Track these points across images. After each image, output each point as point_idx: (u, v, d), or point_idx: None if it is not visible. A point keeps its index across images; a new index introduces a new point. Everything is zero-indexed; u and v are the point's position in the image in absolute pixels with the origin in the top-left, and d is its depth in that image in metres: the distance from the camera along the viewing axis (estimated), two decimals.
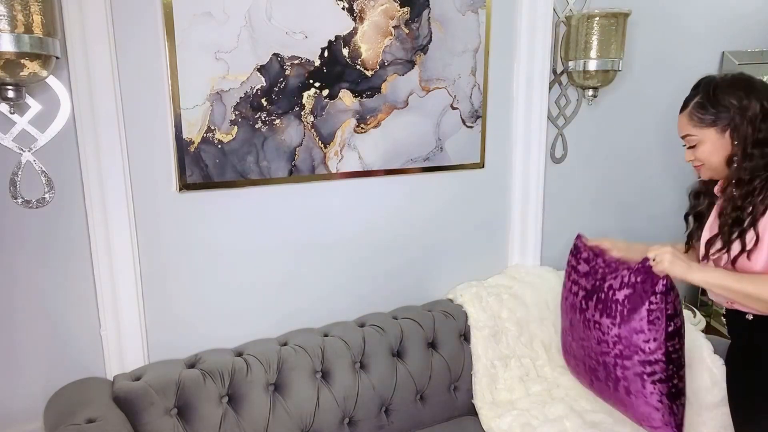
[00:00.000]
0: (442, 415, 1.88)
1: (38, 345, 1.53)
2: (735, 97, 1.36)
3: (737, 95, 1.36)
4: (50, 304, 1.53)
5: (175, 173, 1.61)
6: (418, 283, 2.07)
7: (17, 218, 1.46)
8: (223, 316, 1.75)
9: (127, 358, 1.61)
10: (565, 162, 2.28)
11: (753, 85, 1.38)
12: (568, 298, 1.74)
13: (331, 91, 1.76)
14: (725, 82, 1.39)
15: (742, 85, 1.38)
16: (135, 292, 1.59)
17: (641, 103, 2.37)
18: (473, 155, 2.07)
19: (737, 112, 1.35)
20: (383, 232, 1.96)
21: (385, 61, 1.82)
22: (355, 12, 1.75)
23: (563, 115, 2.23)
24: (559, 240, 2.31)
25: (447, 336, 1.91)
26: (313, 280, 1.87)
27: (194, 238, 1.67)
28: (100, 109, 1.47)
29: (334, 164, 1.81)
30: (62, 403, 1.45)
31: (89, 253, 1.54)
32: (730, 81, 1.40)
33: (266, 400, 1.62)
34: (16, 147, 1.42)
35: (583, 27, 2.03)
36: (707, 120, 1.39)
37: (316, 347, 1.72)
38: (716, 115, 1.38)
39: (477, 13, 1.96)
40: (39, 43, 1.24)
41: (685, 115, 1.44)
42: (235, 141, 1.66)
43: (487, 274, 2.18)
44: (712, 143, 1.40)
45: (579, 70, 2.08)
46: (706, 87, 1.41)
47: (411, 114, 1.91)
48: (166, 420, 1.49)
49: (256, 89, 1.66)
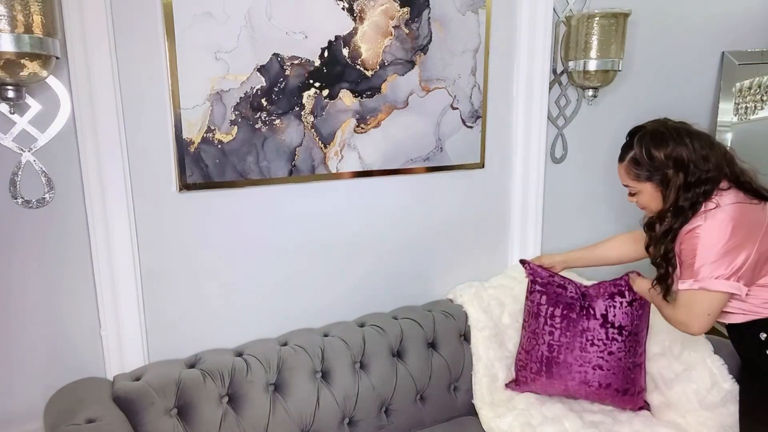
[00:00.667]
0: (442, 415, 1.88)
1: (38, 345, 1.53)
2: (664, 152, 1.46)
3: (666, 149, 1.46)
4: (50, 304, 1.53)
5: (175, 173, 1.61)
6: (418, 283, 2.07)
7: (17, 218, 1.46)
8: (223, 316, 1.75)
9: (127, 358, 1.61)
10: (565, 162, 2.28)
11: (680, 135, 1.47)
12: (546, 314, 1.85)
13: (331, 91, 1.76)
14: (655, 137, 1.48)
15: (670, 136, 1.47)
16: (135, 292, 1.59)
17: (641, 103, 2.37)
18: (473, 155, 2.07)
19: (669, 167, 1.46)
20: (383, 232, 1.96)
21: (385, 61, 1.82)
22: (355, 12, 1.75)
23: (563, 115, 2.23)
24: (559, 240, 2.31)
25: (447, 336, 1.91)
26: (313, 280, 1.87)
27: (194, 238, 1.67)
28: (100, 109, 1.47)
29: (334, 164, 1.81)
30: (62, 403, 1.45)
31: (89, 253, 1.54)
32: (659, 135, 1.48)
33: (266, 400, 1.62)
34: (16, 147, 1.42)
35: (583, 27, 2.03)
36: (643, 176, 1.51)
37: (316, 347, 1.72)
38: (650, 171, 1.49)
39: (477, 13, 1.96)
40: (39, 43, 1.24)
41: (623, 167, 1.55)
42: (235, 141, 1.66)
43: (487, 274, 2.18)
44: (649, 194, 1.52)
45: (579, 70, 2.08)
46: (639, 142, 1.51)
47: (411, 114, 1.91)
48: (166, 420, 1.49)
49: (256, 89, 1.66)
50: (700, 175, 1.43)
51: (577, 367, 1.78)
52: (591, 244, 1.94)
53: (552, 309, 1.81)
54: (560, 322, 1.80)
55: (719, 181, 1.45)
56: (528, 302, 1.88)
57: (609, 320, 1.76)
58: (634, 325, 1.77)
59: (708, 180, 1.44)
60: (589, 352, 1.77)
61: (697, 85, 2.55)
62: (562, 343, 1.79)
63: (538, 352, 1.82)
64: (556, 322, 1.80)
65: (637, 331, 1.77)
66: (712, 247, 1.39)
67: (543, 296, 1.83)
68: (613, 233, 2.01)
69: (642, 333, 1.79)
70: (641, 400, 1.83)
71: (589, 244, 1.95)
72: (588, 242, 2.31)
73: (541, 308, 1.83)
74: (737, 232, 1.38)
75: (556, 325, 1.80)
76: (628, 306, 1.76)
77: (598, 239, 1.96)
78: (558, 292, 1.82)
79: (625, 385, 1.78)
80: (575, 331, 1.78)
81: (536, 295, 1.85)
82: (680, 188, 1.45)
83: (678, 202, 1.45)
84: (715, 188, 1.44)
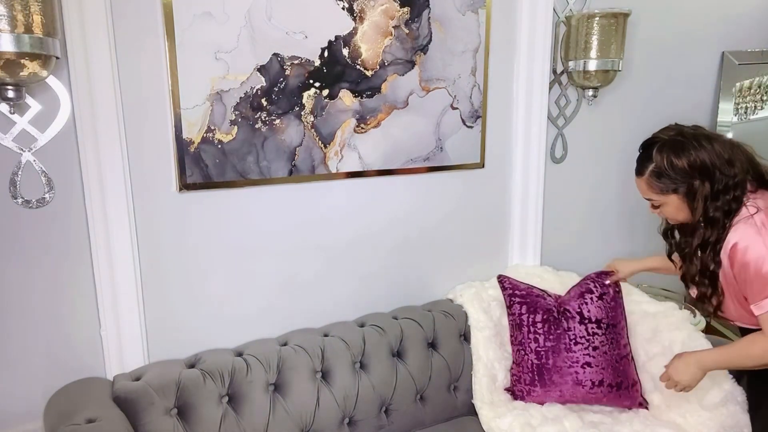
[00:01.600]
0: (442, 415, 1.88)
1: (38, 345, 1.53)
2: (687, 161, 1.38)
3: (689, 158, 1.37)
4: (50, 304, 1.53)
5: (175, 173, 1.60)
6: (418, 283, 2.07)
7: (17, 218, 1.46)
8: (223, 315, 1.75)
9: (127, 358, 1.61)
10: (565, 162, 2.28)
11: (698, 140, 1.39)
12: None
13: (331, 91, 1.76)
14: (675, 146, 1.40)
15: (689, 143, 1.39)
16: (135, 292, 1.59)
17: (641, 103, 2.38)
18: (473, 155, 2.07)
19: (694, 176, 1.38)
20: (383, 231, 1.96)
21: (385, 61, 1.82)
22: (355, 12, 1.75)
23: (563, 115, 2.23)
24: (559, 240, 2.31)
25: (447, 336, 1.91)
26: (313, 280, 1.87)
27: (194, 238, 1.67)
28: (100, 109, 1.47)
29: (334, 164, 1.81)
30: (62, 403, 1.45)
31: (89, 253, 1.54)
32: (678, 144, 1.40)
33: (266, 400, 1.62)
34: (16, 147, 1.42)
35: (583, 27, 2.03)
36: (667, 188, 1.42)
37: (316, 347, 1.72)
38: (675, 183, 1.41)
39: (477, 13, 1.96)
40: (39, 43, 1.24)
41: (643, 181, 1.47)
42: (235, 141, 1.66)
43: (488, 274, 2.18)
44: (675, 206, 1.44)
45: (579, 70, 2.08)
46: (660, 152, 1.42)
47: (411, 114, 1.91)
48: (166, 420, 1.49)
49: (256, 89, 1.66)
50: (727, 181, 1.36)
51: (566, 369, 1.81)
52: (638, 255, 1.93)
53: (533, 316, 1.86)
54: (542, 327, 1.84)
55: (746, 183, 1.37)
56: (510, 316, 1.92)
57: (585, 316, 1.82)
58: (611, 317, 1.83)
59: (737, 185, 1.36)
60: (574, 352, 1.81)
61: (697, 85, 2.55)
62: (548, 348, 1.82)
63: (527, 362, 1.85)
64: (539, 328, 1.84)
65: (615, 322, 1.83)
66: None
67: (523, 306, 1.88)
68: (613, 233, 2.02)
69: (620, 324, 1.86)
70: (637, 393, 1.83)
71: (589, 244, 1.96)
72: (588, 242, 2.32)
73: (523, 317, 1.87)
74: None
75: (539, 330, 1.84)
76: (599, 300, 1.83)
77: (598, 239, 1.97)
78: (537, 300, 1.88)
79: (616, 379, 1.80)
80: (557, 333, 1.83)
81: (516, 307, 1.89)
82: (708, 198, 1.37)
83: (708, 212, 1.38)
84: (745, 192, 1.37)
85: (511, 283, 1.93)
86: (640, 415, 1.80)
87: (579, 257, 2.31)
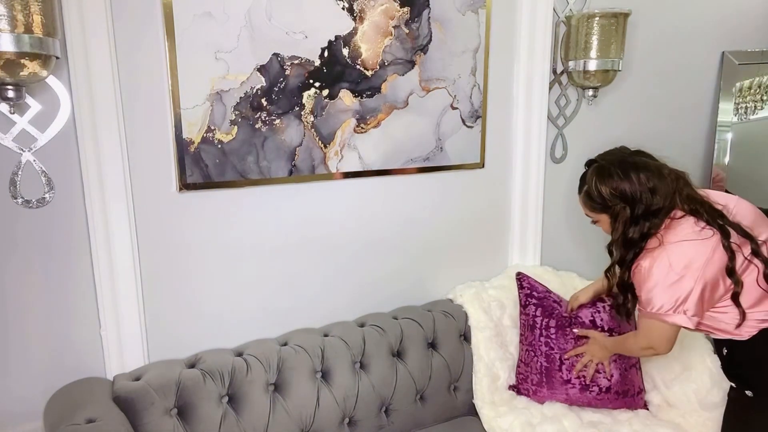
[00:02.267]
0: (442, 415, 1.88)
1: (38, 345, 1.53)
2: (610, 188, 1.52)
3: (611, 185, 1.52)
4: (50, 303, 1.53)
5: (175, 173, 1.60)
6: (418, 283, 2.07)
7: (17, 218, 1.46)
8: (223, 315, 1.75)
9: (127, 358, 1.61)
10: (565, 162, 2.28)
11: (625, 169, 1.51)
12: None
13: (331, 91, 1.76)
14: (601, 173, 1.54)
15: (615, 171, 1.52)
16: (135, 292, 1.59)
17: (641, 103, 2.37)
18: (473, 155, 2.07)
19: (616, 201, 1.52)
20: (383, 231, 1.96)
21: (385, 61, 1.82)
22: (355, 12, 1.75)
23: (563, 115, 2.23)
24: (559, 240, 2.31)
25: (447, 336, 1.91)
26: (314, 279, 1.87)
27: (194, 238, 1.67)
28: (100, 109, 1.47)
29: (334, 164, 1.81)
30: (62, 403, 1.45)
31: (89, 253, 1.54)
32: (604, 171, 1.54)
33: (266, 400, 1.62)
34: (16, 147, 1.42)
35: (583, 27, 2.03)
36: (598, 208, 1.58)
37: (316, 347, 1.72)
38: (602, 205, 1.56)
39: (477, 13, 1.96)
40: (39, 43, 1.24)
41: (581, 199, 1.64)
42: (235, 141, 1.66)
43: (488, 274, 2.18)
44: (607, 224, 1.60)
45: (579, 70, 2.08)
46: (590, 177, 1.57)
47: (411, 114, 1.91)
48: (166, 420, 1.49)
49: (256, 89, 1.66)
50: (646, 208, 1.48)
51: (576, 374, 1.80)
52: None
53: (547, 320, 1.85)
54: (555, 332, 1.83)
55: (671, 210, 1.49)
56: (523, 316, 1.91)
57: (597, 324, 1.81)
58: (622, 326, 1.81)
59: (657, 212, 1.48)
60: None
61: (697, 85, 2.55)
62: (559, 353, 1.82)
63: (537, 364, 1.84)
64: (551, 333, 1.83)
65: (625, 332, 1.79)
66: (655, 284, 1.45)
67: (538, 309, 1.87)
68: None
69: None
70: (642, 401, 1.84)
71: (589, 244, 1.96)
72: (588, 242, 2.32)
73: (537, 320, 1.86)
74: (676, 271, 1.42)
75: (552, 335, 1.83)
76: (612, 309, 1.80)
77: (598, 239, 1.96)
78: (553, 307, 1.87)
79: (624, 387, 1.80)
80: (569, 339, 1.82)
81: (531, 308, 1.88)
82: (627, 221, 1.51)
83: (627, 234, 1.51)
84: (665, 219, 1.49)
85: (530, 284, 1.92)
86: (640, 415, 1.80)
87: (579, 257, 2.32)
